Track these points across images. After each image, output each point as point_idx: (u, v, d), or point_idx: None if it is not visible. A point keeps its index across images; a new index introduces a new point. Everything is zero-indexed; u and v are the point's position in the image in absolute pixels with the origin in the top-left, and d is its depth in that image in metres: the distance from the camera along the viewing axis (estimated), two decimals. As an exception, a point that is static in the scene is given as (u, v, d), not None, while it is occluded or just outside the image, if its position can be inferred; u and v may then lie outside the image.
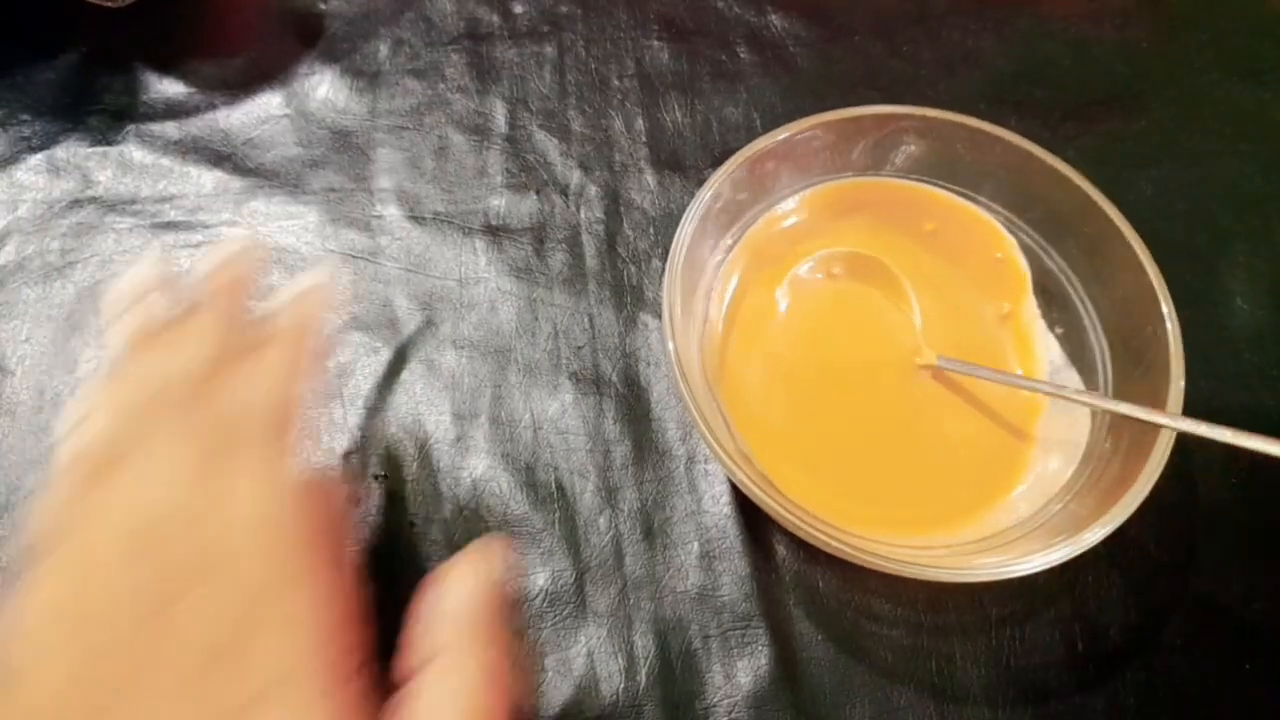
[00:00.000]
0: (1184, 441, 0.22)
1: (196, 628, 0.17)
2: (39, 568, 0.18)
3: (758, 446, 0.25)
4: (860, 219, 0.29)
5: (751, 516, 0.27)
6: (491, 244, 0.32)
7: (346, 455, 0.28)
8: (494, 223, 0.32)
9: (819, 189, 0.29)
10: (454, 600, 0.18)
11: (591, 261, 0.31)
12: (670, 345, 0.24)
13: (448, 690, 0.17)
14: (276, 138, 0.34)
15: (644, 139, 0.34)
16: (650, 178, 0.33)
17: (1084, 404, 0.25)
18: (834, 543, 0.21)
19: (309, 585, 0.18)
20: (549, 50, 0.36)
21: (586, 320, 0.30)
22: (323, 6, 0.38)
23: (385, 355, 0.30)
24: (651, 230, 0.32)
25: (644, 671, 0.25)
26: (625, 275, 0.31)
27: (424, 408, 0.29)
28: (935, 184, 0.29)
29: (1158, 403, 0.23)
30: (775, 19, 0.37)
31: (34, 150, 0.33)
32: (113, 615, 0.17)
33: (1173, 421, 0.22)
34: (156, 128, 0.34)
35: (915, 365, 0.27)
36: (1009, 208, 0.28)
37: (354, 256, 0.32)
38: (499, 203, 0.33)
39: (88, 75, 0.35)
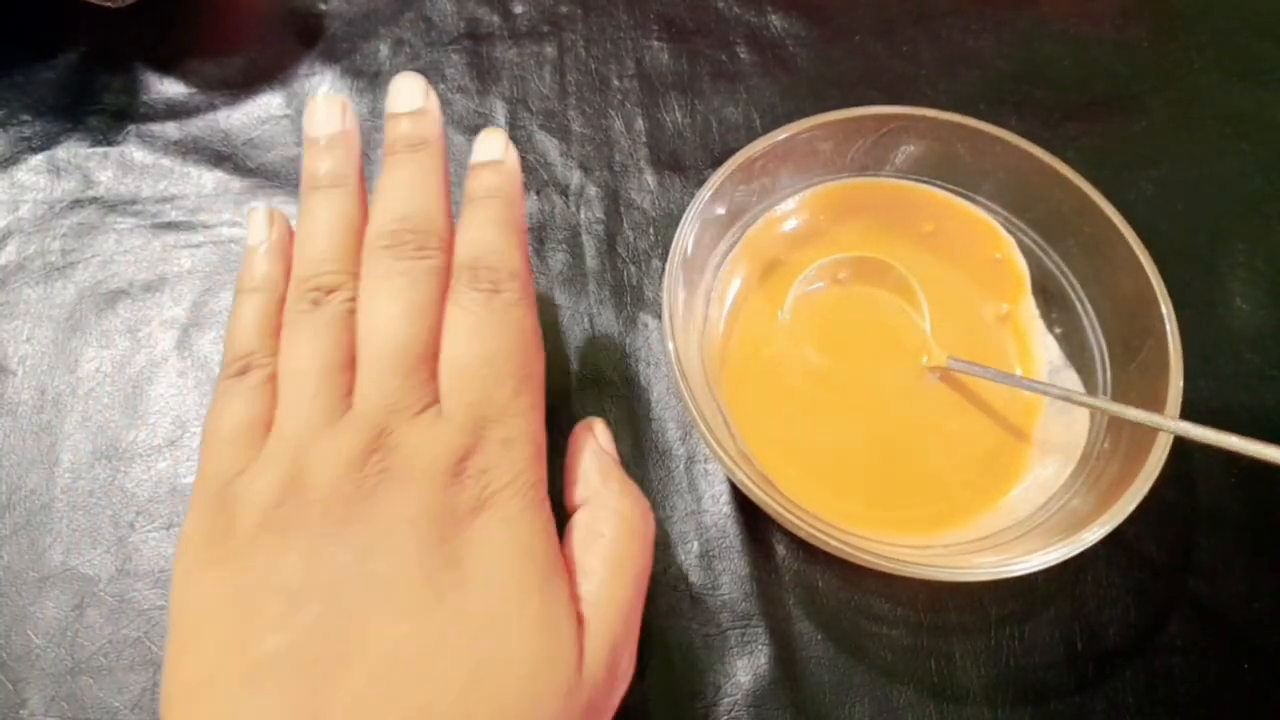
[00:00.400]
0: (1183, 441, 0.22)
1: (443, 440, 0.20)
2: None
3: (758, 446, 0.25)
4: (860, 220, 0.29)
5: (751, 516, 0.27)
6: (492, 244, 0.32)
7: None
8: (494, 223, 0.32)
9: (819, 189, 0.29)
10: (585, 459, 0.23)
11: (591, 261, 0.32)
12: (670, 345, 0.24)
13: (592, 530, 0.22)
14: (277, 138, 0.34)
15: (644, 139, 0.34)
16: (650, 178, 0.33)
17: (1093, 407, 0.25)
18: (833, 542, 0.21)
19: (529, 413, 0.21)
20: (549, 50, 0.36)
21: (586, 320, 0.30)
22: (323, 6, 0.38)
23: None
24: (651, 230, 0.32)
25: (644, 671, 0.25)
26: (625, 275, 0.31)
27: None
28: (935, 184, 0.29)
29: (1157, 403, 0.23)
30: (775, 19, 0.37)
31: (35, 150, 0.34)
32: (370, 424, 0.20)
33: (1185, 429, 0.22)
34: (157, 128, 0.34)
35: (920, 366, 0.27)
36: (1008, 208, 0.28)
37: (354, 256, 0.32)
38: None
39: (88, 75, 0.35)
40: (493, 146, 0.25)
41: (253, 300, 0.23)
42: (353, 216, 0.23)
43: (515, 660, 0.18)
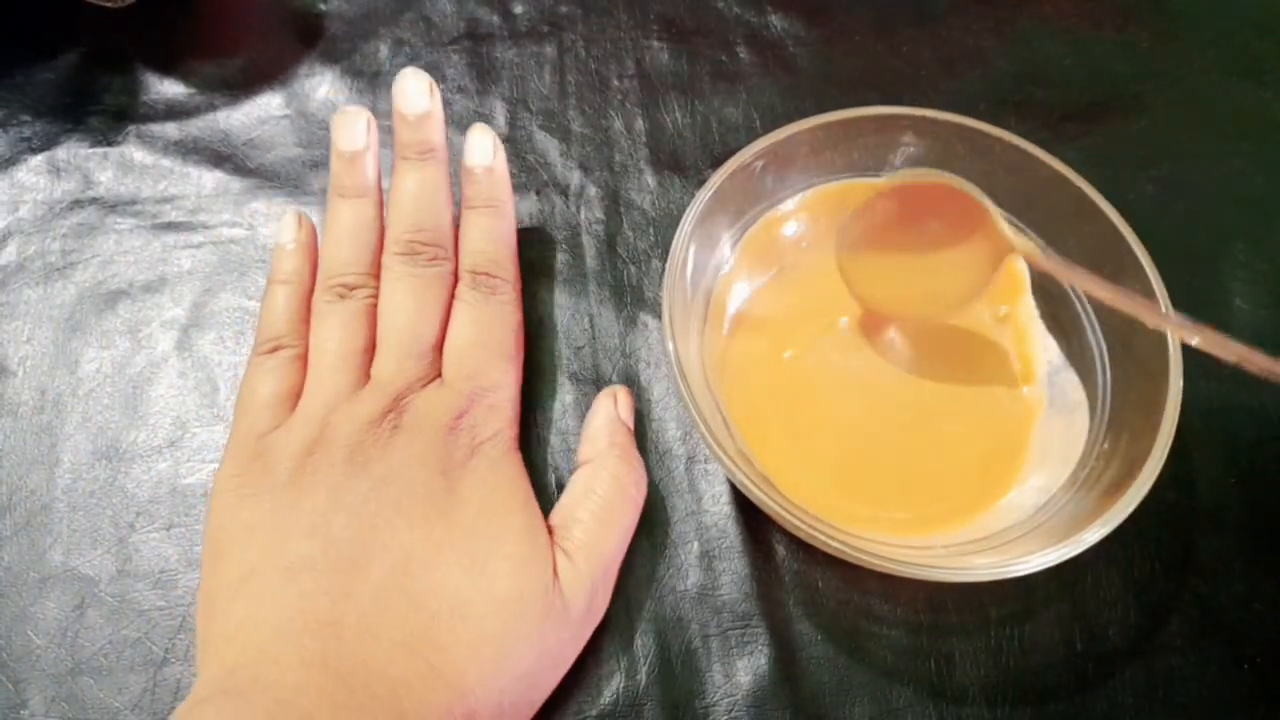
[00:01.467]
0: (1184, 441, 0.22)
1: (445, 403, 0.24)
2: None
3: (757, 446, 0.25)
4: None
5: (751, 516, 0.27)
6: (491, 244, 0.32)
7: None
8: (494, 223, 0.32)
9: (819, 190, 0.29)
10: (598, 422, 0.27)
11: (591, 261, 0.32)
12: (670, 345, 0.24)
13: (588, 486, 0.25)
14: (277, 138, 0.34)
15: (644, 139, 0.34)
16: (650, 178, 0.33)
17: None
18: (833, 543, 0.21)
19: (510, 387, 0.26)
20: (549, 50, 0.36)
21: (586, 320, 0.30)
22: (323, 7, 0.38)
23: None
24: (651, 231, 0.32)
25: (644, 671, 0.25)
26: (625, 275, 0.31)
27: (424, 408, 0.29)
28: (935, 184, 0.29)
29: (1156, 403, 0.23)
30: (775, 19, 0.37)
31: (35, 151, 0.34)
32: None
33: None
34: (157, 128, 0.34)
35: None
36: (1009, 208, 0.28)
37: (354, 257, 0.32)
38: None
39: (88, 76, 0.35)
40: (484, 149, 0.28)
41: (283, 291, 0.27)
42: (373, 222, 0.27)
43: (505, 557, 0.22)
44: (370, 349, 0.26)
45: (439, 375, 0.25)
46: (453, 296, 0.27)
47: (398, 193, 0.27)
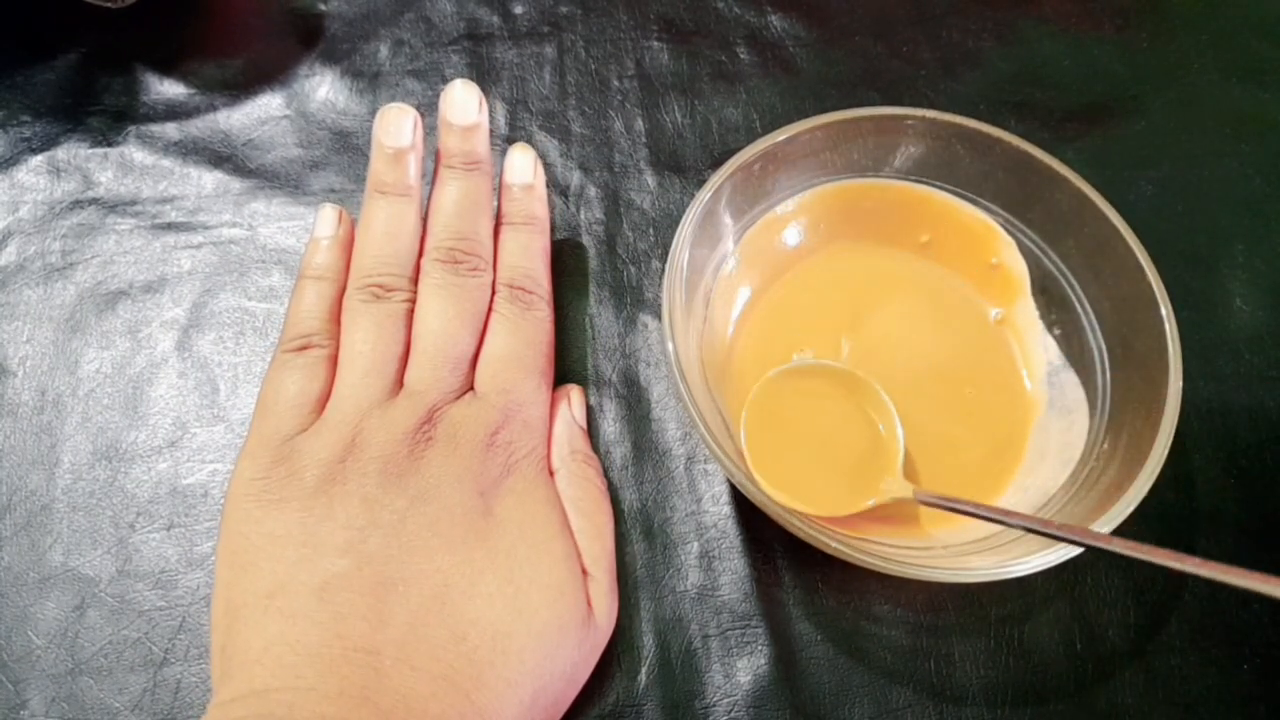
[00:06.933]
0: (1183, 442, 0.22)
1: (481, 418, 0.24)
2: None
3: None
4: (859, 224, 0.29)
5: (751, 517, 0.27)
6: (491, 245, 0.32)
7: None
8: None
9: (818, 190, 0.29)
10: (556, 428, 0.27)
11: (592, 262, 0.32)
12: (670, 346, 0.24)
13: (570, 498, 0.25)
14: (277, 139, 0.34)
15: (644, 140, 0.34)
16: (650, 178, 0.33)
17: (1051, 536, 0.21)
18: (833, 543, 0.21)
19: (544, 403, 0.26)
20: (549, 51, 0.36)
21: (586, 320, 0.30)
22: (323, 7, 0.38)
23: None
24: (651, 231, 0.32)
25: (643, 671, 0.25)
26: (625, 275, 0.31)
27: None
28: (934, 185, 0.29)
29: (1156, 404, 0.23)
30: (775, 20, 0.37)
31: (35, 151, 0.34)
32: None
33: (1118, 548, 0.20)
34: (157, 129, 0.34)
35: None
36: (1008, 209, 0.28)
37: (354, 257, 0.32)
38: (498, 203, 0.33)
39: (88, 76, 0.35)
40: (524, 167, 0.29)
41: (316, 287, 0.26)
42: (412, 223, 0.27)
43: (544, 587, 0.22)
44: (404, 356, 0.25)
45: (471, 388, 0.25)
46: (488, 310, 0.26)
47: (441, 200, 0.27)
